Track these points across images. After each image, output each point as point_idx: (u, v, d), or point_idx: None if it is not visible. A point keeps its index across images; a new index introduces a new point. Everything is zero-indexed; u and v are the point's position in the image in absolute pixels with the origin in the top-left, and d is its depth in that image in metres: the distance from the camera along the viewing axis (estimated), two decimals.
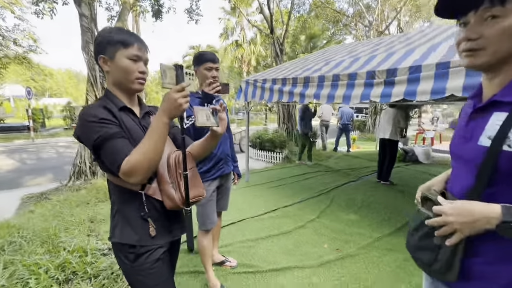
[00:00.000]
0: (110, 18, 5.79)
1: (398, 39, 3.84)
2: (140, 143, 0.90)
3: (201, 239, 2.02)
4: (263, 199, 3.94)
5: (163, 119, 0.89)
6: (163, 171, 1.03)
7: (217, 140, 1.11)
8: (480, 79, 1.92)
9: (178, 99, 0.87)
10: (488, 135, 0.69)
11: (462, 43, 0.70)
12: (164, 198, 1.02)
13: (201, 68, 1.85)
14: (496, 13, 0.62)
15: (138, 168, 0.87)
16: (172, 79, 0.91)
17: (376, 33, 11.46)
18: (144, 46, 1.02)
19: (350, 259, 2.42)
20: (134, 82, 1.00)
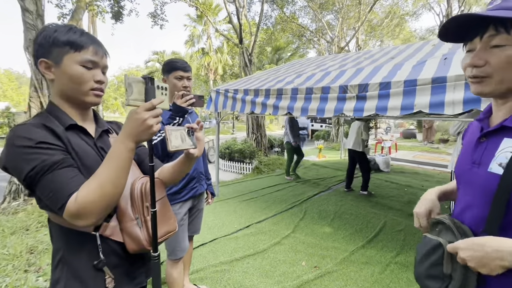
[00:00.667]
0: (62, 16, 5.17)
1: (363, 55, 4.05)
2: (95, 174, 0.70)
3: (170, 271, 1.76)
4: (235, 214, 3.74)
5: (128, 144, 0.71)
6: (125, 205, 0.82)
7: (193, 162, 0.94)
8: (443, 98, 2.04)
9: (147, 120, 0.70)
10: (499, 162, 0.65)
11: (468, 69, 0.68)
12: (126, 239, 0.81)
13: (171, 77, 1.66)
14: (501, 41, 0.60)
15: (90, 208, 0.67)
16: (140, 95, 0.73)
17: (337, 49, 12.23)
18: (101, 49, 0.82)
19: (328, 277, 2.36)
20: (88, 94, 0.79)
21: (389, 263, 2.55)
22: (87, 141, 0.82)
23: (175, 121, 1.49)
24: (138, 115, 0.69)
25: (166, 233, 0.89)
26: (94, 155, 0.81)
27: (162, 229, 0.87)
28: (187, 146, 0.84)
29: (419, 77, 2.27)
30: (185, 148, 0.83)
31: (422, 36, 19.02)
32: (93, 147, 0.82)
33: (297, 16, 13.98)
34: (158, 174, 0.97)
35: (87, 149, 0.80)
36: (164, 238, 0.88)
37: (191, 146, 0.85)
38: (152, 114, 0.71)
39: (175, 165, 0.95)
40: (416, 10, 16.16)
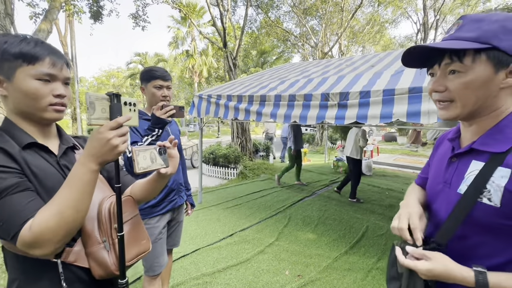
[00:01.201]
0: (34, 16, 4.88)
1: (345, 62, 4.13)
2: (53, 199, 0.64)
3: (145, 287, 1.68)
4: (219, 223, 3.67)
5: (90, 166, 0.66)
6: (92, 227, 0.77)
7: (166, 180, 0.90)
8: (419, 107, 2.09)
9: (112, 140, 0.65)
10: (467, 184, 0.67)
11: (433, 93, 0.71)
12: (92, 264, 0.76)
13: (149, 86, 1.59)
14: (456, 68, 0.63)
15: (48, 236, 0.61)
16: (104, 113, 0.69)
17: (321, 54, 12.47)
18: (60, 60, 0.75)
19: (311, 285, 2.34)
20: (46, 110, 0.73)
21: (370, 269, 2.58)
22: (49, 160, 0.76)
23: (154, 133, 1.43)
24: (101, 134, 0.65)
25: (137, 255, 0.84)
26: (57, 175, 0.75)
27: (133, 251, 0.82)
28: (157, 166, 0.79)
29: (396, 86, 2.33)
30: (155, 168, 0.79)
31: (401, 43, 19.87)
32: (56, 166, 0.76)
33: (282, 20, 14.15)
34: (130, 191, 0.92)
35: (47, 169, 0.74)
36: (135, 260, 0.83)
37: (162, 165, 0.81)
38: (118, 133, 0.66)
39: (147, 183, 0.90)
40: (395, 18, 16.87)
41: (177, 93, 24.75)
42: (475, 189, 0.64)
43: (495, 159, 0.63)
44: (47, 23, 4.27)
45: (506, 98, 0.63)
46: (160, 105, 1.42)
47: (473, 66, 0.60)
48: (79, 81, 16.50)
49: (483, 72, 0.60)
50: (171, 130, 1.74)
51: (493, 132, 0.65)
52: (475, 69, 0.60)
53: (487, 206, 0.61)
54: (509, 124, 0.63)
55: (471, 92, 0.62)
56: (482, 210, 0.62)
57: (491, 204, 0.61)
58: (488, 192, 0.62)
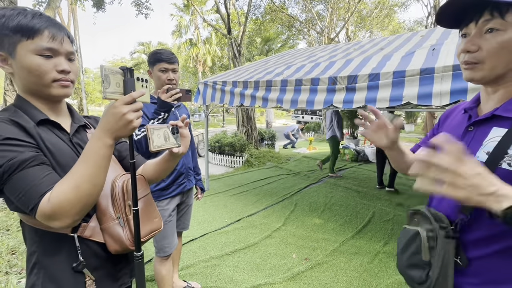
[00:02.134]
0: (37, 4, 4.84)
1: (352, 46, 4.02)
2: (70, 172, 0.65)
3: (159, 268, 1.72)
4: (226, 209, 3.71)
5: (105, 140, 0.66)
6: (106, 204, 0.78)
7: (177, 160, 0.91)
8: (431, 89, 2.03)
9: (126, 114, 0.65)
10: (486, 151, 0.65)
11: (461, 55, 0.67)
12: (108, 239, 0.77)
13: (155, 69, 1.58)
14: (495, 25, 0.59)
15: (66, 208, 0.62)
16: (119, 87, 0.68)
17: (327, 40, 12.17)
18: (61, 33, 0.71)
19: (319, 268, 2.38)
20: (51, 86, 0.72)
21: (377, 252, 2.59)
22: (62, 137, 0.76)
23: (160, 116, 1.42)
24: (116, 109, 0.64)
25: (150, 232, 0.86)
26: (70, 152, 0.75)
27: (146, 227, 0.84)
28: (170, 145, 0.80)
29: (407, 68, 2.26)
30: (168, 147, 0.80)
31: (411, 27, 19.17)
32: (68, 144, 0.77)
33: (287, 6, 13.78)
34: (141, 171, 0.93)
35: (61, 146, 0.74)
36: (149, 237, 0.85)
37: (175, 144, 0.82)
38: (132, 108, 0.66)
39: (159, 163, 0.91)
40: (404, 1, 16.22)
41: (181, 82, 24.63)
42: (497, 155, 0.62)
43: None
44: (50, 10, 4.23)
45: None
46: (165, 88, 1.40)
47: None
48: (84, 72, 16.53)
49: None
50: (180, 113, 1.73)
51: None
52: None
53: (507, 172, 0.59)
54: None
55: (506, 53, 0.59)
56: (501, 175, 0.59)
57: (510, 169, 0.59)
58: (510, 157, 0.60)
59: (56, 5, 4.33)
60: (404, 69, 2.27)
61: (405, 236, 0.78)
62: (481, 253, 0.66)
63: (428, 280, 0.69)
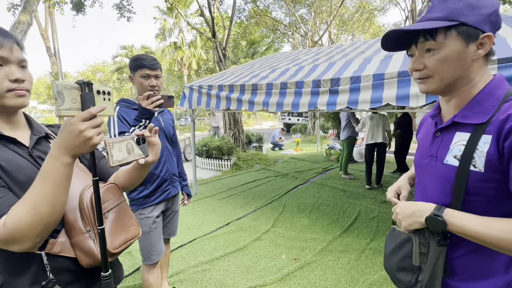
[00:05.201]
0: (12, 7, 4.64)
1: (335, 49, 4.14)
2: (27, 193, 0.61)
3: (146, 276, 1.70)
4: (215, 213, 3.70)
5: (63, 159, 0.62)
6: (75, 218, 0.75)
7: (149, 168, 0.88)
8: (408, 91, 2.13)
9: (84, 132, 0.61)
10: (453, 154, 0.72)
11: (413, 72, 0.76)
12: (79, 254, 0.74)
13: (137, 75, 1.55)
14: (431, 46, 0.68)
15: (24, 232, 0.58)
16: (75, 103, 0.64)
17: (311, 43, 12.42)
18: (9, 40, 0.68)
19: (308, 267, 2.42)
20: (4, 97, 0.67)
21: (363, 249, 2.67)
22: (19, 152, 0.71)
23: (141, 124, 1.41)
24: (73, 126, 0.61)
25: (125, 241, 0.82)
26: (30, 167, 0.70)
27: (121, 237, 0.81)
28: (135, 157, 0.76)
29: (386, 71, 2.36)
30: (132, 159, 0.76)
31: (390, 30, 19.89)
32: (28, 158, 0.71)
33: (271, 10, 13.96)
34: (113, 179, 0.91)
35: (19, 162, 0.69)
36: (125, 246, 0.82)
37: (141, 155, 0.78)
38: (91, 124, 0.62)
39: (130, 171, 0.88)
40: (383, 5, 16.86)
41: (166, 86, 24.27)
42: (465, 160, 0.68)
43: (478, 129, 0.67)
44: (26, 14, 4.08)
45: (479, 69, 0.69)
46: (146, 95, 1.38)
47: (446, 42, 0.65)
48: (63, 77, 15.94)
49: (455, 47, 0.65)
50: (163, 119, 1.72)
51: (471, 105, 0.70)
52: (448, 45, 0.66)
53: (474, 173, 0.66)
54: (486, 96, 0.69)
55: (447, 66, 0.67)
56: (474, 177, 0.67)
57: (476, 170, 0.65)
58: (474, 159, 0.66)
59: (32, 9, 4.18)
60: (383, 72, 2.38)
61: (395, 239, 0.80)
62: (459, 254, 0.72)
63: (418, 284, 0.73)
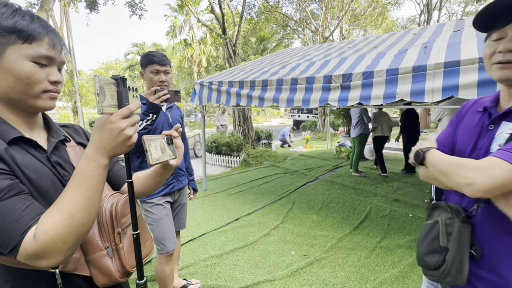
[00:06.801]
0: (30, 6, 4.79)
1: (347, 45, 4.06)
2: (59, 200, 0.55)
3: (162, 268, 1.73)
4: (224, 208, 3.73)
5: (100, 161, 0.58)
6: (93, 233, 0.68)
7: (170, 173, 0.83)
8: (423, 86, 2.07)
9: (125, 130, 0.57)
10: (498, 143, 0.70)
11: (496, 55, 0.70)
12: (95, 272, 0.68)
13: (147, 71, 1.60)
14: None
15: (58, 244, 0.52)
16: (113, 99, 0.61)
17: (322, 38, 12.23)
18: (59, 42, 0.65)
19: (317, 264, 2.41)
20: (39, 98, 0.63)
21: (374, 247, 2.64)
22: (38, 157, 0.64)
23: (149, 118, 1.45)
24: (113, 124, 0.57)
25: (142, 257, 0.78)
26: (49, 174, 0.64)
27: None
28: (167, 157, 0.73)
29: (400, 66, 2.30)
30: (166, 159, 0.73)
31: (404, 25, 19.35)
32: (47, 164, 0.65)
33: (281, 5, 13.82)
34: None
35: (39, 168, 0.63)
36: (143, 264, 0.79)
37: (171, 156, 0.75)
38: (130, 122, 0.59)
39: (149, 177, 0.82)
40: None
41: (176, 83, 24.53)
42: None
43: None
44: (43, 13, 4.20)
45: None
46: (153, 90, 1.43)
47: None
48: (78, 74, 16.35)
49: None
50: (171, 115, 1.75)
51: None
52: None
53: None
54: None
55: None
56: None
57: None
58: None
59: (49, 7, 4.30)
60: (397, 67, 2.31)
61: (425, 228, 0.83)
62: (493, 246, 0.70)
63: (444, 264, 0.74)
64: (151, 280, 2.20)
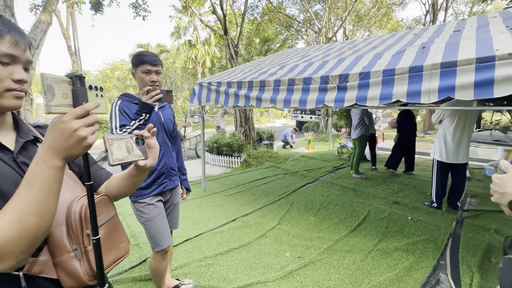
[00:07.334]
0: (34, 8, 4.87)
1: (346, 45, 4.03)
2: (10, 203, 0.54)
3: (158, 264, 1.74)
4: (222, 209, 3.73)
5: (52, 162, 0.55)
6: (60, 234, 0.66)
7: (146, 174, 0.82)
8: (420, 87, 2.04)
9: (78, 130, 0.55)
10: None
11: None
12: (62, 275, 0.66)
13: (138, 71, 1.60)
14: None
15: (7, 248, 0.51)
16: (66, 98, 0.59)
17: (325, 39, 12.18)
18: (23, 40, 0.64)
19: (311, 266, 2.39)
20: (2, 97, 0.62)
21: (370, 250, 2.60)
22: (2, 158, 0.63)
23: (142, 117, 1.45)
24: (65, 124, 0.54)
25: (115, 260, 0.77)
26: (13, 175, 0.62)
27: (111, 256, 0.74)
28: (134, 157, 0.71)
29: (397, 66, 2.28)
30: (132, 160, 0.71)
31: (409, 26, 19.14)
32: (11, 165, 0.63)
33: (285, 6, 13.81)
34: (105, 187, 0.84)
35: (1, 169, 0.61)
36: (115, 265, 0.77)
37: (140, 157, 0.73)
38: (85, 122, 0.56)
39: (125, 178, 0.82)
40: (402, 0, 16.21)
41: (180, 84, 24.70)
42: None
43: None
44: (46, 14, 4.27)
45: None
46: (146, 90, 1.43)
47: None
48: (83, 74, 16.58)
49: None
50: (163, 114, 1.75)
51: None
52: None
53: None
54: None
55: None
56: None
57: None
58: None
59: (52, 9, 4.37)
60: (394, 67, 2.29)
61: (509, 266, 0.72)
62: None
63: None
64: (145, 280, 2.21)
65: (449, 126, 3.33)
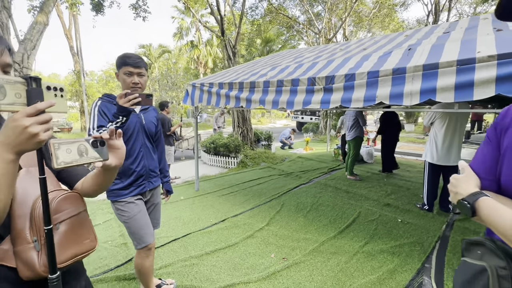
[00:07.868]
0: (32, 9, 4.94)
1: (339, 47, 4.03)
2: None
3: (141, 262, 1.75)
4: (212, 209, 3.75)
5: (4, 156, 0.59)
6: (23, 225, 0.71)
7: (114, 173, 0.85)
8: (403, 89, 2.03)
9: (29, 128, 0.58)
10: None
11: None
12: (19, 265, 0.70)
13: (121, 72, 1.61)
14: None
15: None
16: (20, 98, 0.62)
17: (325, 40, 12.15)
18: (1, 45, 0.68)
19: (295, 268, 2.39)
20: None
21: (356, 252, 2.60)
22: None
23: (118, 120, 1.46)
24: (16, 122, 0.58)
25: (75, 255, 0.78)
26: None
27: (70, 251, 0.76)
28: (88, 159, 0.72)
29: (381, 68, 2.27)
30: (84, 162, 0.72)
31: (412, 27, 18.98)
32: None
33: (286, 7, 13.81)
34: (81, 185, 0.89)
35: None
36: (73, 261, 0.78)
37: (97, 158, 0.74)
38: (37, 120, 0.59)
39: (94, 177, 0.86)
40: (405, 0, 16.10)
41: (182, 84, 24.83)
42: None
43: None
44: (43, 15, 4.33)
45: None
46: (124, 93, 1.41)
47: None
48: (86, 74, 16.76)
49: None
50: (145, 116, 1.76)
51: None
52: None
53: None
54: None
55: None
56: None
57: None
58: None
59: (49, 10, 4.43)
60: (379, 69, 2.28)
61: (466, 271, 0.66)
62: None
63: None
64: (130, 279, 2.23)
65: (440, 128, 3.31)
